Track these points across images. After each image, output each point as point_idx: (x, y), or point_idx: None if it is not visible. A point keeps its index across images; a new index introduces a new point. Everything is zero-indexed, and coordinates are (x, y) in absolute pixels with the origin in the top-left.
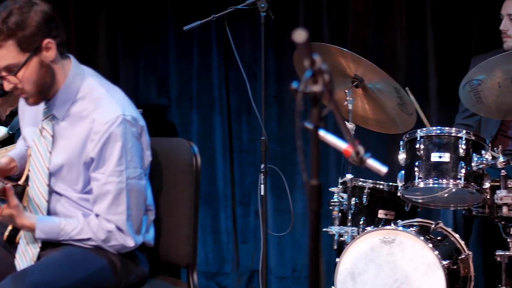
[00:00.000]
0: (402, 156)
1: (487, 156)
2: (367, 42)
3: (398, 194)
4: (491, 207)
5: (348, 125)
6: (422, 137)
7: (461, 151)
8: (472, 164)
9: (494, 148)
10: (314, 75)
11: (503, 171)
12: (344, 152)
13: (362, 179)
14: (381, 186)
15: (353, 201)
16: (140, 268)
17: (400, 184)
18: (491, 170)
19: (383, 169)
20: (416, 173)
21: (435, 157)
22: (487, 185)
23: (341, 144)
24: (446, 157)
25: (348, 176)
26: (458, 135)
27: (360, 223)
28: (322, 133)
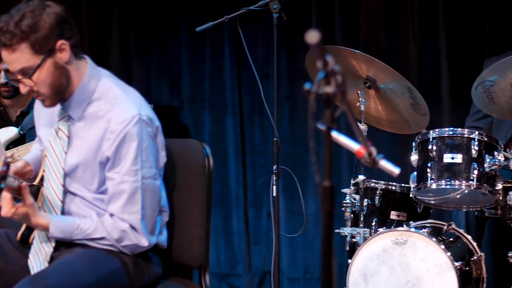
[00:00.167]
0: (414, 157)
1: (500, 157)
2: (379, 43)
3: (411, 195)
4: (503, 209)
5: (361, 126)
6: (434, 138)
7: (473, 152)
8: (485, 165)
9: (507, 149)
10: (327, 76)
11: None
12: (357, 153)
13: (375, 180)
14: (393, 187)
15: (365, 202)
16: (153, 269)
17: (412, 185)
18: (503, 172)
19: (396, 170)
20: (429, 174)
21: (448, 158)
22: (499, 186)
23: (353, 145)
24: (458, 158)
25: (361, 177)
26: (471, 136)
27: (372, 224)
28: (335, 134)
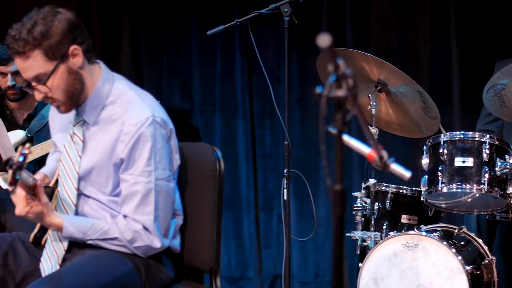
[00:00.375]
0: (425, 161)
1: (511, 160)
2: (390, 45)
3: (422, 199)
4: None
5: (372, 129)
6: (445, 141)
7: (484, 155)
8: (496, 169)
9: None
10: (338, 79)
11: None
12: (368, 157)
13: (385, 183)
14: (404, 191)
15: (376, 206)
16: (165, 273)
17: (423, 189)
18: None
19: (407, 174)
20: (440, 178)
21: (459, 161)
22: (510, 190)
23: (364, 149)
24: (469, 162)
25: (371, 180)
26: (482, 139)
27: (383, 228)
28: (346, 138)
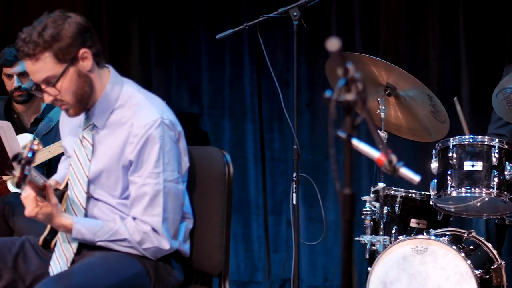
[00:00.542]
0: (434, 165)
1: None
2: (399, 49)
3: (431, 203)
4: None
5: (381, 133)
6: (454, 145)
7: (494, 159)
8: (505, 173)
9: None
10: (348, 83)
11: None
12: (377, 161)
13: (394, 187)
14: (413, 195)
15: (385, 210)
16: (174, 276)
17: (432, 193)
18: None
19: (416, 178)
20: (449, 182)
21: (468, 166)
22: None
23: (374, 153)
24: (478, 166)
25: (381, 184)
26: (491, 143)
27: (392, 232)
28: (355, 141)
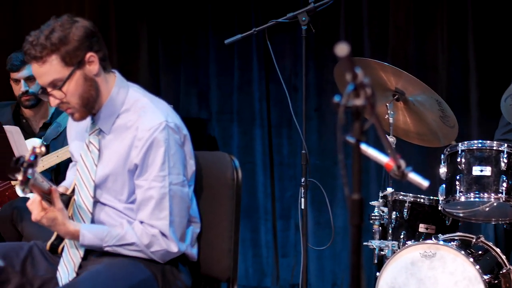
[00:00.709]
0: (443, 170)
1: None
2: (407, 54)
3: (439, 208)
4: None
5: (389, 138)
6: (463, 150)
7: (502, 164)
8: None
9: None
10: (356, 89)
11: None
12: (386, 166)
13: (403, 192)
14: (422, 200)
15: (393, 215)
16: (182, 280)
17: (441, 198)
18: None
19: (425, 183)
20: (457, 187)
21: (477, 171)
22: None
23: (382, 158)
24: (487, 171)
25: (389, 189)
26: (500, 148)
27: (400, 237)
28: (364, 147)
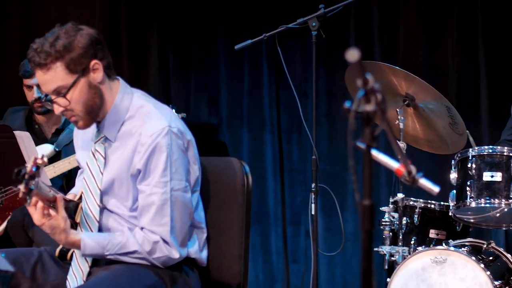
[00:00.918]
0: (453, 176)
1: None
2: (418, 60)
3: (450, 213)
4: None
5: (400, 144)
6: (474, 156)
7: None
8: None
9: None
10: (367, 94)
11: None
12: (396, 172)
13: (413, 198)
14: (432, 206)
15: (404, 220)
16: (191, 286)
17: (451, 203)
18: None
19: (436, 188)
20: (468, 193)
21: (487, 176)
22: None
23: (393, 164)
24: (498, 176)
25: (399, 195)
26: (510, 154)
27: (411, 243)
28: (374, 152)
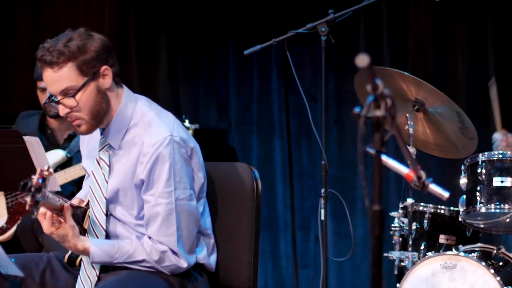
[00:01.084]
0: (463, 181)
1: None
2: (427, 65)
3: (459, 219)
4: None
5: (410, 149)
6: (483, 161)
7: None
8: None
9: None
10: (377, 99)
11: None
12: (406, 177)
13: (423, 203)
14: (442, 211)
15: (414, 225)
16: None
17: (461, 209)
18: None
19: (445, 194)
20: (478, 198)
21: (497, 181)
22: None
23: (403, 169)
24: (508, 181)
25: (409, 200)
26: None
27: (421, 248)
28: (384, 157)
